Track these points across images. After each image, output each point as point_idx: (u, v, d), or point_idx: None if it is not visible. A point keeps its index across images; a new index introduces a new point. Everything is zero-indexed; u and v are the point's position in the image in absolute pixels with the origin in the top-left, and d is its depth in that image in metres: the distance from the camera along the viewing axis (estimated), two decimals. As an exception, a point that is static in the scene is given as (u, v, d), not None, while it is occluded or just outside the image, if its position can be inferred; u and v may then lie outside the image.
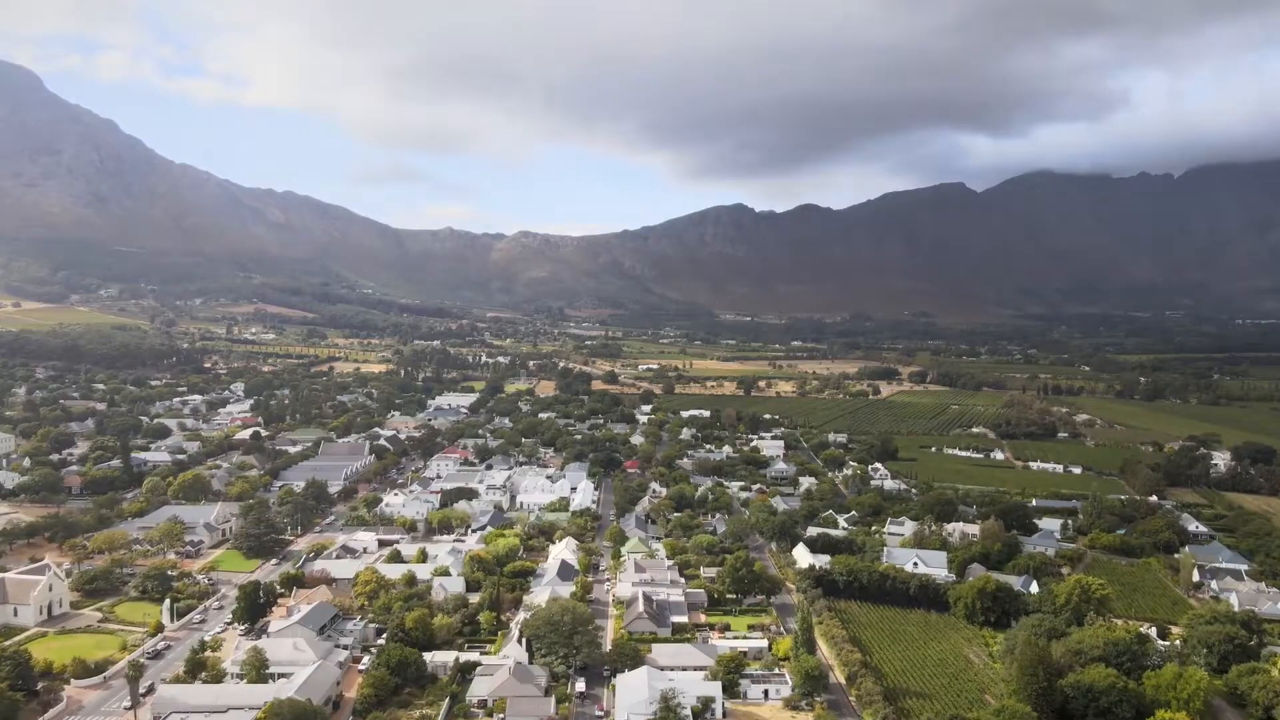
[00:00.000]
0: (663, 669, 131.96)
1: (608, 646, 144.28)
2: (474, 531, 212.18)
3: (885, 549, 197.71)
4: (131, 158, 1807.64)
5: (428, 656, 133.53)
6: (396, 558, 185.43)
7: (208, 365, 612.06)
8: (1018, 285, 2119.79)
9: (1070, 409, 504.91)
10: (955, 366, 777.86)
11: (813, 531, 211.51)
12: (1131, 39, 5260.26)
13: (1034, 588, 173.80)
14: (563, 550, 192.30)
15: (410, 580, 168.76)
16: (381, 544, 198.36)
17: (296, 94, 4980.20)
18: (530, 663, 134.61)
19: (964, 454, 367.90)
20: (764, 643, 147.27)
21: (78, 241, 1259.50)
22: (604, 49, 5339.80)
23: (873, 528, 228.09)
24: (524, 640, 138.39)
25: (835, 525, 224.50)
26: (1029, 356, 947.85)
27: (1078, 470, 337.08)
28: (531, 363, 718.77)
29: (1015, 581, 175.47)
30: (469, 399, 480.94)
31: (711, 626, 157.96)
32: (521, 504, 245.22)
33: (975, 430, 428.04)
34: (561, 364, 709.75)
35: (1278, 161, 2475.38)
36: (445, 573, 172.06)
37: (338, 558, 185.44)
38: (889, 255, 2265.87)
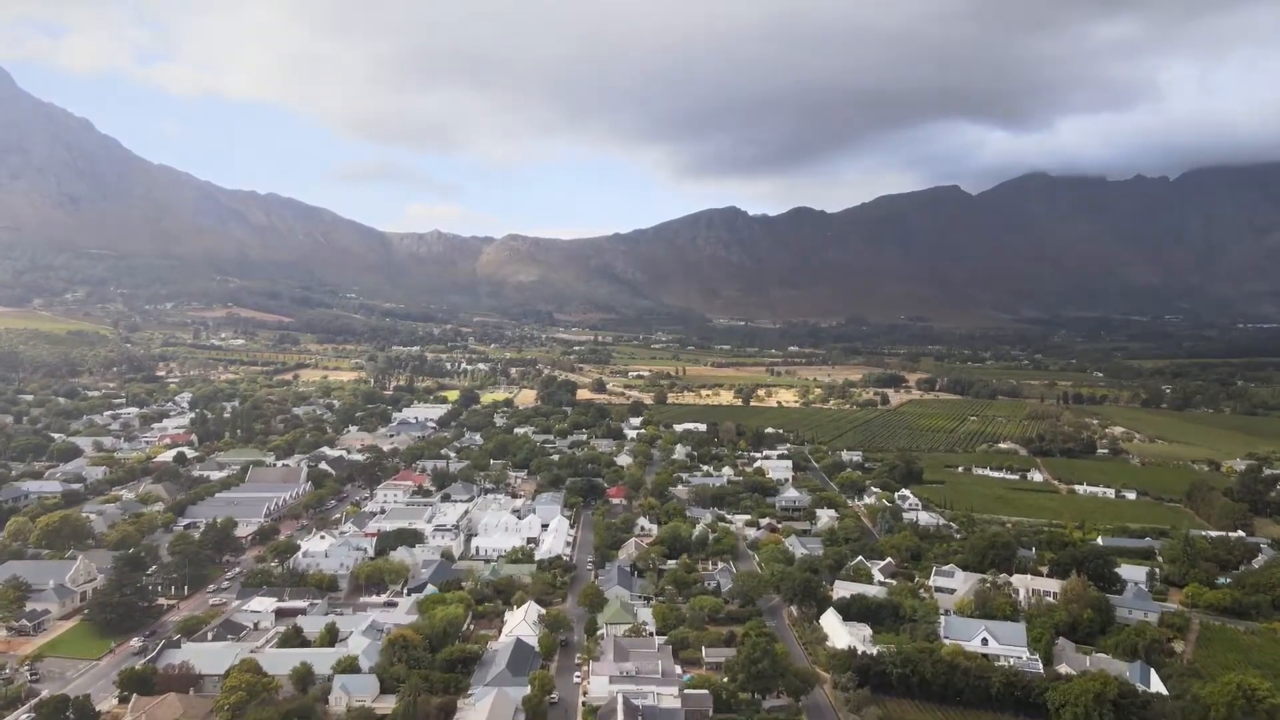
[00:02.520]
0: None
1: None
2: (410, 593, 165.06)
3: (941, 618, 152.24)
4: (106, 158, 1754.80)
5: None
6: (294, 637, 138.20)
7: (161, 373, 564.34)
8: (1014, 288, 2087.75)
9: (1100, 420, 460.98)
10: (963, 373, 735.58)
11: (843, 591, 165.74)
12: (1162, 21, 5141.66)
13: (1154, 680, 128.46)
14: (520, 623, 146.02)
15: (304, 678, 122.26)
16: (281, 615, 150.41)
17: (278, 84, 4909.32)
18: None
19: (997, 475, 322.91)
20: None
21: (46, 243, 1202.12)
22: (602, 38, 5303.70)
23: (915, 578, 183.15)
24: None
25: (869, 578, 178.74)
26: (1036, 362, 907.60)
27: (1132, 495, 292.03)
28: (514, 370, 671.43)
29: (1125, 669, 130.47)
30: (440, 410, 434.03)
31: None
32: (478, 549, 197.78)
33: (1004, 446, 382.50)
34: (545, 371, 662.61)
35: (1273, 164, 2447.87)
36: (353, 667, 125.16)
37: (214, 638, 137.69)
38: (884, 258, 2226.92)
